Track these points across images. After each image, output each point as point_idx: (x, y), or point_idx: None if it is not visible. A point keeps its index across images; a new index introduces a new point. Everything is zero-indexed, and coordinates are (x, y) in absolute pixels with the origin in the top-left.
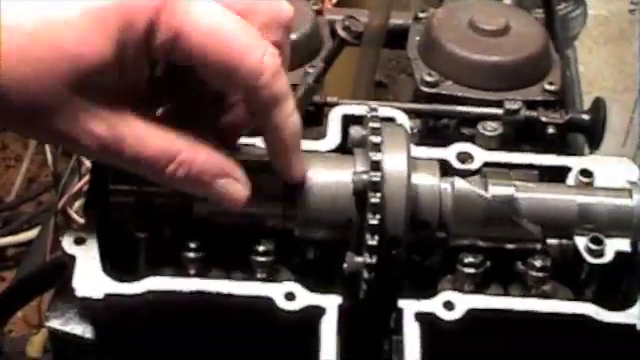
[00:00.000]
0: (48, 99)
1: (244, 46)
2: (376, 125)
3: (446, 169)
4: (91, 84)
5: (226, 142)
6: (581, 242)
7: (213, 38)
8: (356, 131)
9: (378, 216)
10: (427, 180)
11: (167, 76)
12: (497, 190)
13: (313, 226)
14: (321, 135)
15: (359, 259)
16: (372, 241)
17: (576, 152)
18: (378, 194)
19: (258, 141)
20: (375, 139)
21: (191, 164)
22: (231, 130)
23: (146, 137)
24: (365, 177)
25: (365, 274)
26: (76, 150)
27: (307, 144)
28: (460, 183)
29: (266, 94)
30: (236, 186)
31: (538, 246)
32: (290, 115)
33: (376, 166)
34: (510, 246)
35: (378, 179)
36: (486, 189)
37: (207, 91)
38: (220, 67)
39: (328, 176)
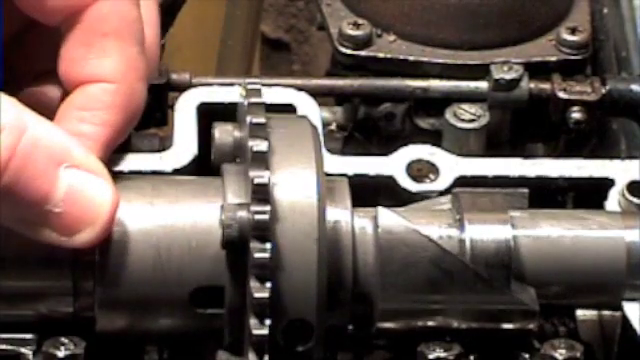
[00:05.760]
0: None
1: None
2: (259, 120)
3: (393, 192)
4: None
5: None
6: (634, 312)
7: None
8: (224, 133)
9: (269, 285)
10: (334, 216)
11: None
12: (479, 230)
13: (136, 310)
14: (164, 142)
15: None
16: (259, 329)
17: (621, 154)
18: (267, 245)
19: None
20: (258, 145)
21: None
22: None
23: None
24: (243, 215)
25: None
26: None
27: (137, 160)
28: (388, 219)
29: None
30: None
31: (550, 321)
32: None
33: (261, 194)
34: (508, 326)
35: (266, 217)
36: (461, 227)
37: None
38: None
39: (173, 216)
